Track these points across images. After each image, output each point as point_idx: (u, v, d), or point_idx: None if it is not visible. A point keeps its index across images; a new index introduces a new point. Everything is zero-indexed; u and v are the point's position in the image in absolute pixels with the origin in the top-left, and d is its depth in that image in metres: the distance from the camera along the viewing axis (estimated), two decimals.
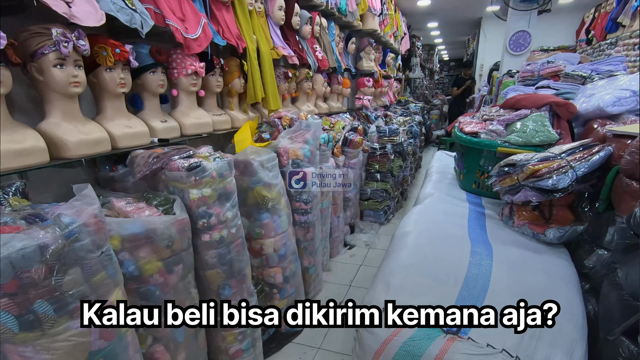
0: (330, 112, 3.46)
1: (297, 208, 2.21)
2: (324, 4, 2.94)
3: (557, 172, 1.35)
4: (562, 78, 2.58)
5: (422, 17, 7.49)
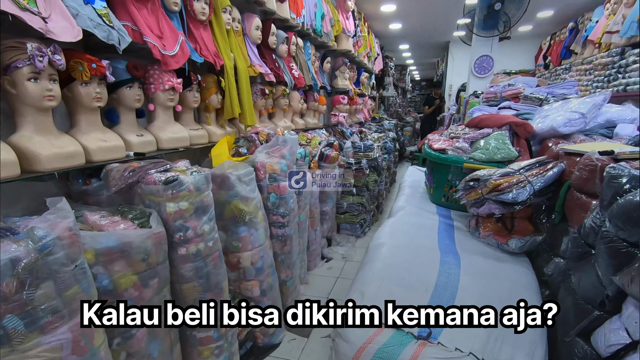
0: (307, 127, 3.52)
1: (274, 221, 2.21)
2: (300, 25, 3.02)
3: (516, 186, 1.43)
4: (521, 100, 2.75)
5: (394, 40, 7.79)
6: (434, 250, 1.56)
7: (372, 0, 4.99)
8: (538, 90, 2.82)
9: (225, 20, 2.02)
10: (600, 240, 1.05)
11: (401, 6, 5.31)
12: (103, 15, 1.25)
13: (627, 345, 0.93)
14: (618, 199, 1.00)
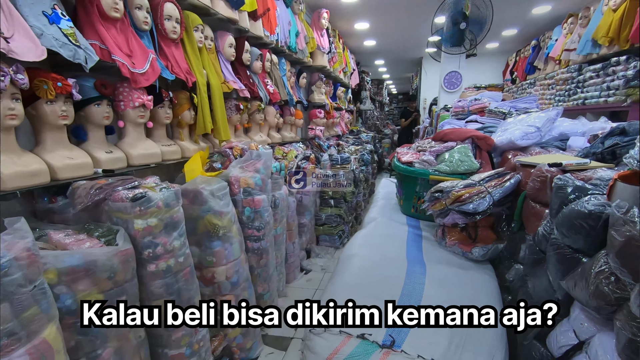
0: (284, 141, 3.54)
1: (249, 235, 2.20)
2: (274, 43, 3.07)
3: (477, 197, 1.49)
4: (487, 114, 2.86)
5: (370, 55, 7.98)
6: (402, 260, 1.59)
7: (346, 19, 5.13)
8: (502, 105, 2.94)
9: (197, 38, 2.04)
10: (550, 247, 1.10)
11: (374, 24, 5.47)
12: (69, 34, 1.25)
13: (575, 346, 0.97)
14: (564, 208, 1.05)
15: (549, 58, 5.05)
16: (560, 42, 4.71)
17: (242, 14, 2.56)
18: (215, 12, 2.25)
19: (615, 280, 0.78)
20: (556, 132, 1.93)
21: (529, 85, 5.81)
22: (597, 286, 0.82)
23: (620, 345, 0.74)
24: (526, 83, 5.96)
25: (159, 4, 1.76)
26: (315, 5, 4.41)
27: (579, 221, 0.95)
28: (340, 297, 1.31)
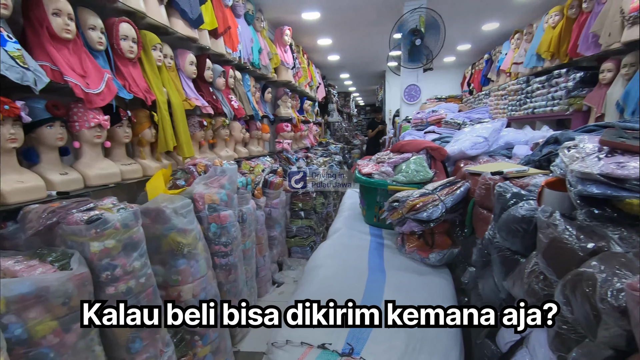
0: (251, 155, 3.54)
1: (216, 251, 2.17)
2: (237, 59, 3.09)
3: (431, 205, 1.55)
4: (443, 124, 3.00)
5: (335, 69, 8.15)
6: (363, 269, 1.62)
7: (309, 35, 5.24)
8: (457, 116, 3.09)
9: (156, 57, 2.03)
10: (494, 249, 1.17)
11: (336, 40, 5.62)
12: (16, 57, 1.21)
13: (518, 341, 1.03)
14: (503, 213, 1.12)
15: (501, 71, 5.35)
16: (510, 56, 5.02)
17: (202, 33, 2.57)
18: (174, 31, 2.24)
19: (544, 279, 0.85)
20: (502, 142, 2.06)
21: (484, 96, 6.12)
22: (530, 285, 0.88)
23: (550, 338, 0.80)
24: (482, 94, 6.27)
25: (114, 24, 1.74)
26: (277, 23, 4.48)
27: (514, 225, 1.02)
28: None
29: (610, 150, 0.79)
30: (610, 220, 0.76)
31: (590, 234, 0.75)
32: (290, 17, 4.41)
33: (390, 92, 8.52)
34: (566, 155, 0.87)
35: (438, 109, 3.34)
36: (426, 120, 3.29)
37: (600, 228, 0.76)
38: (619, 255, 0.67)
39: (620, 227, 0.75)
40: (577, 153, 0.84)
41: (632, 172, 0.70)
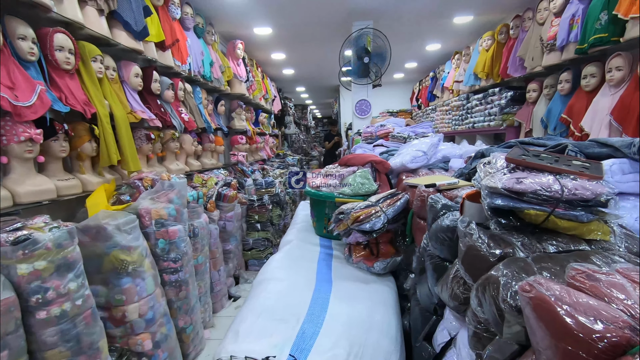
0: (205, 168, 3.46)
1: (165, 268, 2.09)
2: (186, 72, 3.04)
3: (373, 216, 1.62)
4: (390, 138, 3.13)
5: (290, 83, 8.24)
6: (311, 280, 1.65)
7: (262, 49, 5.27)
8: (403, 130, 3.25)
9: (96, 69, 1.95)
10: (427, 257, 1.25)
11: (290, 55, 5.71)
12: None
13: (448, 342, 1.10)
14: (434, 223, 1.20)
15: (444, 88, 5.72)
16: (451, 75, 5.38)
17: (148, 45, 2.51)
18: (116, 42, 2.17)
19: (464, 283, 0.92)
20: (440, 155, 2.21)
21: (431, 111, 6.48)
22: (453, 289, 0.95)
23: (469, 336, 0.87)
24: (429, 109, 6.64)
25: (48, 34, 1.65)
26: (229, 37, 4.48)
27: (441, 234, 1.10)
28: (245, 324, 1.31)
29: (514, 166, 0.89)
30: (515, 229, 0.85)
31: (498, 242, 0.84)
32: (243, 32, 4.42)
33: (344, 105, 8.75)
34: (482, 170, 0.96)
35: (386, 124, 3.49)
36: (375, 134, 3.42)
37: (507, 236, 0.85)
38: (519, 260, 0.75)
39: (523, 235, 0.84)
40: (490, 168, 0.93)
41: (529, 187, 0.79)
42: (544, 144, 1.35)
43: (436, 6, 3.88)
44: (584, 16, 2.58)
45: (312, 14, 3.96)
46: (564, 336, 0.53)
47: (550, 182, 0.82)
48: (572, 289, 0.60)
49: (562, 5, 2.86)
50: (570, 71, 2.79)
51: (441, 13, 4.11)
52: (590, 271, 0.62)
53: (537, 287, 0.60)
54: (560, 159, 0.94)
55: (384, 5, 3.77)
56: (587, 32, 2.52)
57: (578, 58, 2.71)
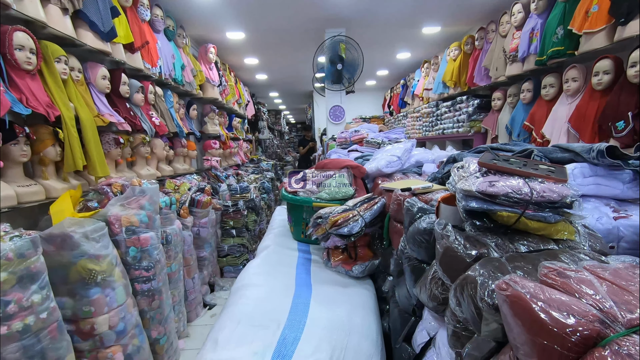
0: (177, 174, 3.36)
1: (137, 276, 2.00)
2: (156, 75, 2.95)
3: (351, 220, 1.63)
4: (365, 144, 3.19)
5: (264, 88, 8.20)
6: (290, 285, 1.63)
7: (235, 54, 5.22)
8: (377, 136, 3.31)
9: (60, 70, 1.85)
10: (405, 259, 1.27)
11: (263, 60, 5.69)
12: None
13: (427, 342, 1.12)
14: (411, 226, 1.23)
15: (415, 95, 5.88)
16: (421, 83, 5.55)
17: (116, 46, 2.42)
18: (81, 43, 2.08)
19: (442, 284, 0.95)
20: (414, 160, 2.27)
21: (403, 117, 6.63)
22: (432, 290, 0.97)
23: (449, 335, 0.89)
24: (401, 115, 6.80)
25: (7, 32, 1.55)
26: (201, 40, 4.40)
27: (418, 236, 1.12)
28: (224, 332, 1.27)
29: (486, 170, 0.93)
30: (489, 230, 0.89)
31: (474, 243, 0.87)
32: (215, 36, 4.36)
33: (318, 111, 8.80)
34: (456, 174, 0.99)
35: (360, 129, 3.54)
36: (350, 139, 3.47)
37: (481, 237, 0.88)
38: (494, 260, 0.78)
39: (496, 236, 0.87)
40: (463, 173, 0.96)
41: (501, 189, 0.83)
42: (511, 150, 1.41)
43: (406, 16, 4.00)
44: (543, 30, 2.74)
45: (285, 20, 3.98)
46: (540, 331, 0.56)
47: (520, 185, 0.86)
48: (545, 286, 0.63)
49: (522, 19, 3.03)
50: (531, 81, 2.95)
51: (410, 23, 4.24)
52: (561, 269, 0.65)
53: (513, 285, 0.63)
54: (528, 163, 0.99)
55: (355, 13, 3.84)
56: (546, 45, 2.69)
57: (538, 69, 2.87)
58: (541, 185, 0.86)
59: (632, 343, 0.49)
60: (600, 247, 0.88)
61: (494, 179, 0.87)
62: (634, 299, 0.57)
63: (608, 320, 0.53)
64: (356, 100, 7.71)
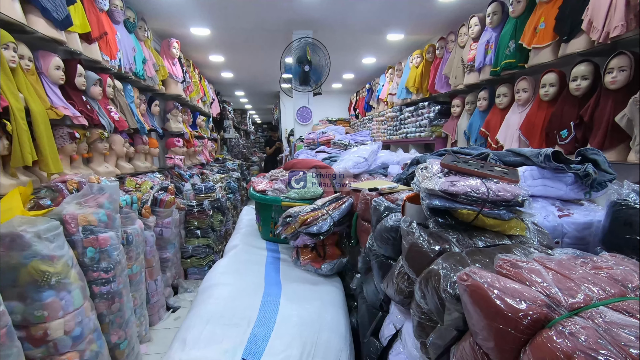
0: (137, 172, 3.22)
1: (95, 278, 1.91)
2: (115, 68, 2.81)
3: (320, 219, 1.66)
4: (332, 145, 3.24)
5: (229, 86, 8.04)
6: (260, 284, 1.63)
7: (200, 50, 5.09)
8: (344, 137, 3.38)
9: (8, 58, 1.72)
10: (372, 256, 1.31)
11: (229, 58, 5.58)
12: None
13: (394, 335, 1.17)
14: (378, 224, 1.28)
15: (380, 99, 6.03)
16: (386, 88, 5.71)
17: (71, 36, 2.28)
18: (32, 30, 1.94)
19: (408, 278, 1.00)
20: (380, 162, 2.35)
21: (368, 120, 6.78)
22: (398, 284, 1.02)
23: (414, 327, 0.94)
24: (366, 118, 6.94)
25: None
26: (164, 34, 4.25)
27: (385, 234, 1.17)
28: (193, 332, 1.25)
29: (448, 171, 0.99)
30: (451, 227, 0.95)
31: (437, 239, 0.92)
32: (178, 31, 4.22)
33: (285, 111, 8.77)
34: (420, 174, 1.05)
35: (327, 131, 3.59)
36: (317, 140, 3.50)
37: (444, 233, 0.94)
38: (455, 254, 0.84)
39: (457, 232, 0.94)
40: (427, 173, 1.02)
41: (461, 189, 0.90)
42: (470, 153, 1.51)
43: (371, 23, 4.11)
44: (497, 43, 2.94)
45: (252, 19, 3.94)
46: (496, 316, 0.61)
47: (478, 185, 0.93)
48: (500, 276, 0.69)
49: (478, 31, 3.23)
50: (487, 90, 3.15)
51: (376, 30, 4.36)
52: (514, 260, 0.71)
53: (472, 276, 0.68)
54: (485, 165, 1.07)
55: (323, 17, 3.89)
56: (499, 57, 2.88)
57: (493, 79, 3.07)
58: (496, 185, 0.93)
59: (573, 324, 0.55)
60: (547, 242, 0.97)
61: (454, 179, 0.94)
62: (575, 285, 0.64)
63: (554, 304, 0.60)
64: (323, 103, 7.79)
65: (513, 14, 2.74)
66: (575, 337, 0.52)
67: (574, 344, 0.51)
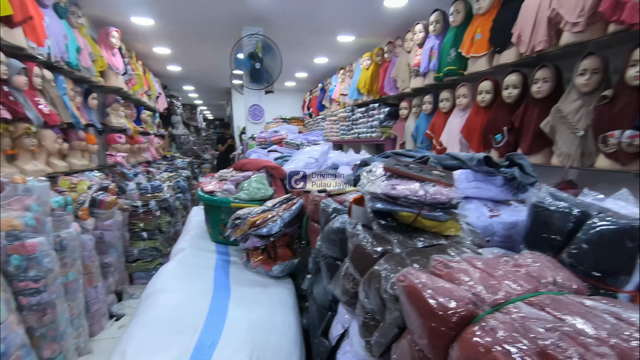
0: (73, 170, 2.96)
1: (22, 289, 1.74)
2: (44, 56, 2.56)
3: (270, 220, 1.65)
4: (284, 144, 3.22)
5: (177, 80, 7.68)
6: (208, 288, 1.58)
7: (143, 41, 4.79)
8: (296, 137, 3.38)
9: None
10: (321, 257, 1.33)
11: (176, 51, 5.33)
12: None
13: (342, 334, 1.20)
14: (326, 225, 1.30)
15: (332, 99, 6.10)
16: (338, 88, 5.79)
17: None
18: None
19: (353, 279, 1.03)
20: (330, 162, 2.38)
21: (321, 120, 6.83)
22: (344, 285, 1.05)
23: (359, 326, 0.97)
24: (319, 118, 6.99)
25: None
26: (102, 22, 3.93)
27: (332, 235, 1.20)
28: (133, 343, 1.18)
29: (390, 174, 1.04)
30: (392, 229, 1.00)
31: (380, 240, 0.96)
32: (117, 19, 3.94)
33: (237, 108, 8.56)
34: (365, 177, 1.09)
35: (280, 130, 3.56)
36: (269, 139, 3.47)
37: (386, 235, 0.98)
38: (396, 255, 0.88)
39: (399, 233, 0.98)
40: (371, 176, 1.06)
41: (401, 192, 0.94)
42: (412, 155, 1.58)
43: (322, 23, 4.15)
44: (440, 50, 3.11)
45: (201, 12, 3.79)
46: (429, 315, 0.65)
47: (417, 188, 0.98)
48: (434, 276, 0.74)
49: (423, 38, 3.39)
50: (432, 94, 3.32)
51: (327, 30, 4.41)
52: (446, 261, 0.77)
53: (409, 277, 0.72)
54: (424, 169, 1.13)
55: (273, 14, 3.84)
56: (442, 63, 3.05)
57: (437, 84, 3.25)
58: (433, 188, 0.99)
59: (494, 319, 0.60)
60: (479, 241, 1.05)
61: (396, 182, 0.98)
62: (497, 283, 0.70)
63: (478, 301, 0.65)
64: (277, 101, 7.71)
65: (453, 24, 2.91)
66: (495, 331, 0.57)
67: (493, 338, 0.56)
